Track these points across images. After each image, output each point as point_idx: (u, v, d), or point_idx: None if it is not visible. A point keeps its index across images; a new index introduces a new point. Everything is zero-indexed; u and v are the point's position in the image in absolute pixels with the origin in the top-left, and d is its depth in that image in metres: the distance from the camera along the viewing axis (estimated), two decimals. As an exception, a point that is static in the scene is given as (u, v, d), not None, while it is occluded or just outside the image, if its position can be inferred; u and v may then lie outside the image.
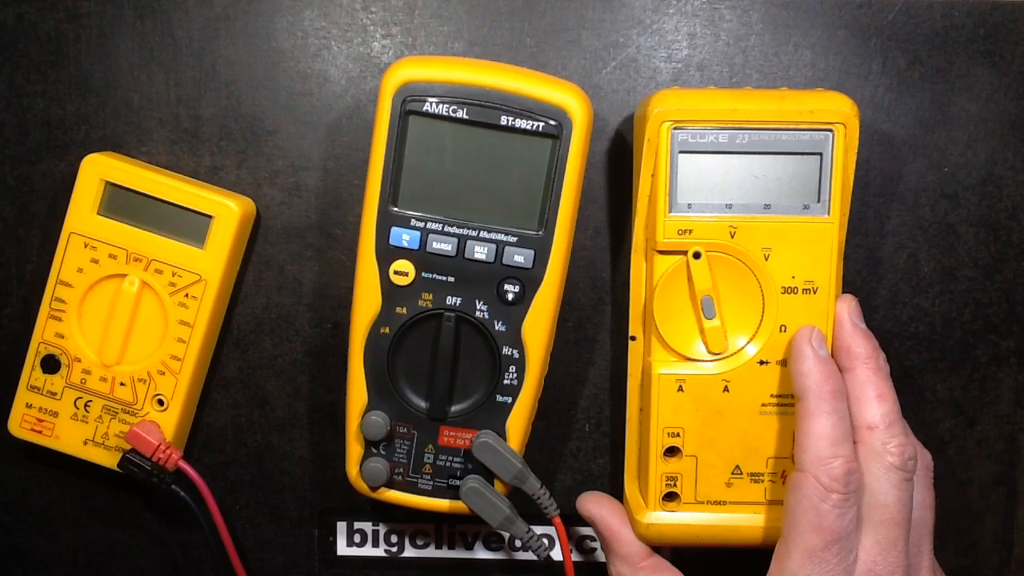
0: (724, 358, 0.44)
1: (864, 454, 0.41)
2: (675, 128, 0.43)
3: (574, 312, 0.49)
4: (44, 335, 0.47)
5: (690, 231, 0.44)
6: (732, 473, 0.44)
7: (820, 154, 0.43)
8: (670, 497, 0.45)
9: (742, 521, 0.44)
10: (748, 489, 0.44)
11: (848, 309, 0.43)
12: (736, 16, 0.48)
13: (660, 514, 0.45)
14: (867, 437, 0.41)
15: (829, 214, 0.43)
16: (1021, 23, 0.47)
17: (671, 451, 0.45)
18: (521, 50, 0.48)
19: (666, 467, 0.44)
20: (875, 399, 0.41)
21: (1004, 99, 0.48)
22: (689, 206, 0.44)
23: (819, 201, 0.43)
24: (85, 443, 0.48)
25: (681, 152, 0.43)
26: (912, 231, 0.49)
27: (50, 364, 0.47)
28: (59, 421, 0.48)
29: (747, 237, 0.43)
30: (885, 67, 0.48)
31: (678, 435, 0.44)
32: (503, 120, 0.42)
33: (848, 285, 0.48)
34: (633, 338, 0.46)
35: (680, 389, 0.44)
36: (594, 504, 0.47)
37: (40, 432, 0.48)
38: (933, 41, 0.48)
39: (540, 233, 0.43)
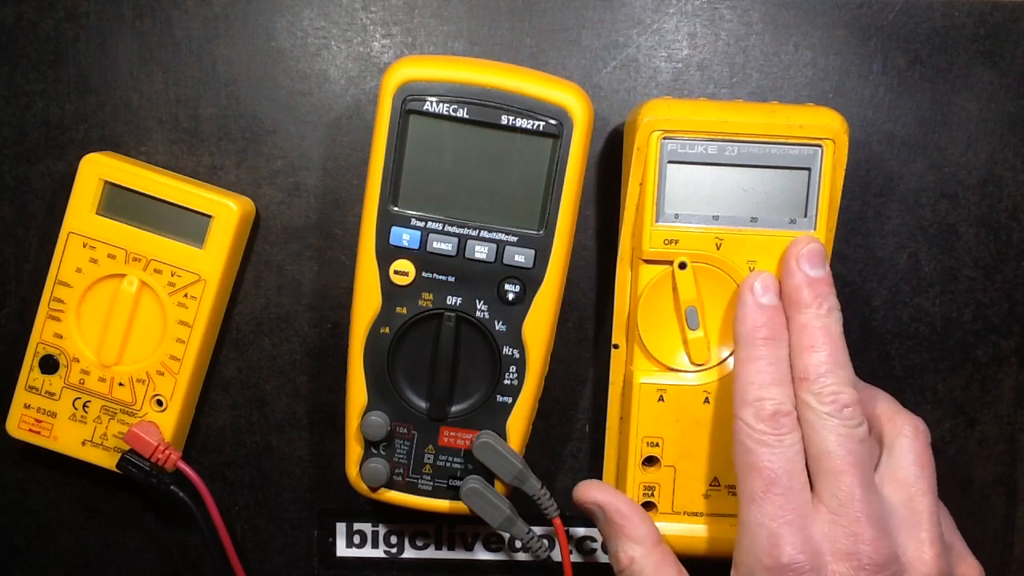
0: (706, 369, 0.44)
1: (800, 407, 0.39)
2: (664, 138, 0.43)
3: (574, 312, 0.49)
4: (43, 335, 0.47)
5: (676, 241, 0.43)
6: (710, 485, 0.44)
7: (808, 169, 0.43)
8: (647, 507, 0.44)
9: (718, 533, 0.44)
10: (725, 501, 0.44)
11: (795, 252, 0.42)
12: (736, 16, 0.48)
13: None
14: (800, 388, 0.39)
15: (815, 229, 0.43)
16: (1021, 23, 0.48)
17: (649, 461, 0.44)
18: (521, 50, 0.48)
19: (644, 476, 0.44)
20: (807, 349, 0.40)
21: (1004, 99, 0.48)
22: (676, 216, 0.43)
23: (806, 216, 0.43)
24: (84, 444, 0.48)
25: (670, 162, 0.43)
26: (912, 231, 0.49)
27: (48, 364, 0.47)
28: (57, 422, 0.47)
29: (733, 249, 0.43)
30: (885, 67, 0.48)
31: (657, 445, 0.44)
32: (504, 119, 0.42)
33: (848, 285, 0.48)
34: (616, 346, 0.46)
35: (661, 399, 0.44)
36: (597, 490, 0.43)
37: (38, 433, 0.48)
38: (933, 41, 0.48)
39: (540, 233, 0.43)
